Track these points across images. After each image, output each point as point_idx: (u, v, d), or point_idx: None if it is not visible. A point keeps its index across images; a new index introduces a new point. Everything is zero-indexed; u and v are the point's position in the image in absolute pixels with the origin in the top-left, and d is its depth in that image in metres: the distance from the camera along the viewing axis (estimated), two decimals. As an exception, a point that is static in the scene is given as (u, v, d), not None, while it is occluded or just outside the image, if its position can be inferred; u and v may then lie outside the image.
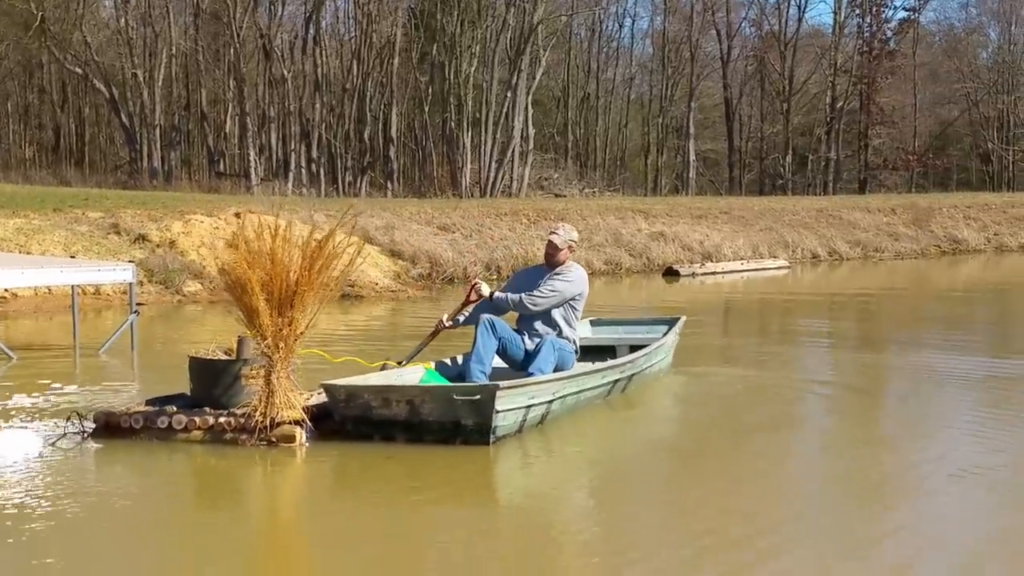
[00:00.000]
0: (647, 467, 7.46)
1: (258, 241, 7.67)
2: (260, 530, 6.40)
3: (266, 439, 7.57)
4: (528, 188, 42.30)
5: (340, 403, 7.65)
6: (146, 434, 7.79)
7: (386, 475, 7.24)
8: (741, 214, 30.60)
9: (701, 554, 5.54)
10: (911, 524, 6.24)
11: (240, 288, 7.67)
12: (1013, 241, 34.59)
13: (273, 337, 7.64)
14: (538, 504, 6.66)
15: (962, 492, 6.72)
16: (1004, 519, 6.26)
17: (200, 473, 7.48)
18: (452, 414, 7.46)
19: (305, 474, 7.41)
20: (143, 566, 5.55)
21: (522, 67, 41.76)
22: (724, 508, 6.27)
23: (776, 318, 18.01)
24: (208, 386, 8.02)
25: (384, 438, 7.53)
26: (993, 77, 61.29)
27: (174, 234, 19.76)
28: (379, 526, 6.28)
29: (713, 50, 56.49)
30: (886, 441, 8.32)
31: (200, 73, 45.77)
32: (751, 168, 58.32)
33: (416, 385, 7.94)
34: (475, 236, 24.03)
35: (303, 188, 40.61)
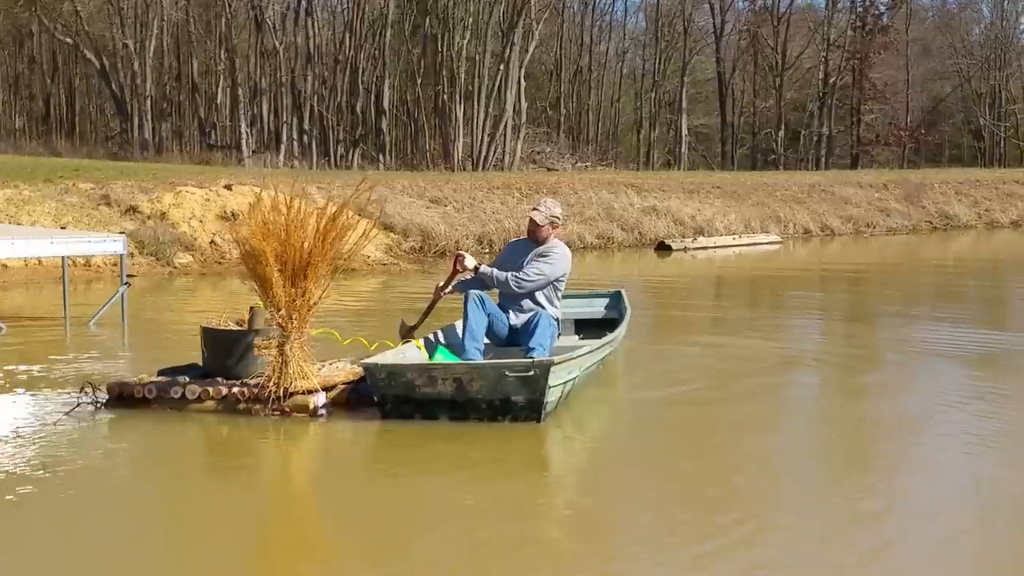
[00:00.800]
0: (685, 441, 7.45)
1: (273, 213, 7.66)
2: (273, 499, 6.44)
3: (279, 409, 7.62)
4: (520, 162, 42.23)
5: (381, 382, 7.48)
6: (159, 404, 7.83)
7: (400, 445, 7.27)
8: (733, 189, 30.57)
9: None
10: (897, 499, 6.26)
11: (254, 259, 7.68)
12: (1004, 217, 34.61)
13: (287, 308, 7.67)
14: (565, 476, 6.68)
15: (948, 463, 6.75)
16: (988, 493, 6.28)
17: (213, 443, 7.52)
18: (502, 391, 7.37)
19: (318, 444, 7.46)
20: (156, 534, 5.58)
21: (515, 40, 41.64)
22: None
23: (767, 293, 18.01)
24: (221, 356, 8.05)
25: (426, 417, 7.42)
26: (985, 53, 61.26)
27: (165, 206, 19.70)
28: (392, 496, 6.32)
29: (706, 24, 56.39)
30: (875, 414, 8.33)
31: (191, 44, 45.61)
32: (743, 143, 58.28)
33: (463, 363, 7.78)
34: (467, 209, 23.99)
35: (295, 160, 40.53)
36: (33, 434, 7.25)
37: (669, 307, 15.60)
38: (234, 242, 8.33)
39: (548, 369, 7.32)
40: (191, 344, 10.76)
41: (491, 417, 7.39)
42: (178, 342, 11.37)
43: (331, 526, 5.90)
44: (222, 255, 19.06)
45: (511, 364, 7.47)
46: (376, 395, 7.51)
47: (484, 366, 7.55)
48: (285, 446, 7.34)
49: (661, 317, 14.53)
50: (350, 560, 5.34)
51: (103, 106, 49.77)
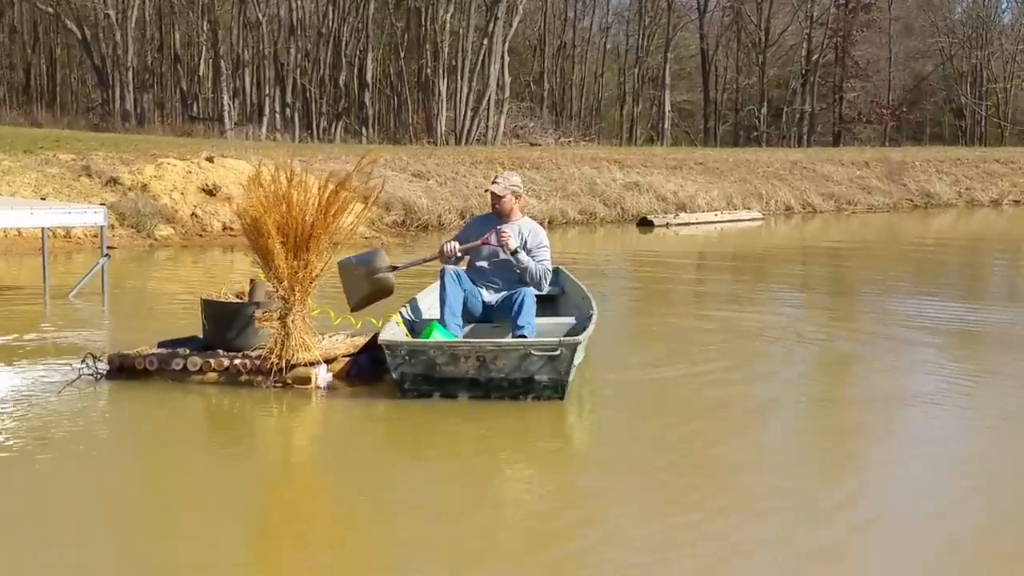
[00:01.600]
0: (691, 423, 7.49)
1: (274, 185, 7.66)
2: (274, 471, 6.51)
3: (281, 381, 7.67)
4: (503, 137, 42.20)
5: (401, 360, 7.36)
6: (161, 376, 7.86)
7: (401, 418, 7.32)
8: (716, 165, 30.62)
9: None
10: (875, 482, 6.33)
11: (256, 231, 7.71)
12: (984, 196, 34.75)
13: (289, 280, 7.69)
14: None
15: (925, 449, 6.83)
16: (965, 478, 6.36)
17: (215, 414, 7.56)
18: (526, 370, 7.33)
19: (320, 416, 7.51)
20: (157, 505, 5.64)
21: (499, 14, 41.55)
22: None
23: (750, 268, 18.08)
24: (221, 329, 8.07)
25: (445, 396, 7.37)
26: (967, 32, 61.39)
27: (146, 177, 19.64)
28: (394, 468, 6.41)
29: (690, 1, 56.30)
30: (857, 395, 8.40)
31: (174, 15, 45.38)
32: (726, 119, 58.30)
33: (487, 340, 7.63)
34: (450, 184, 23.98)
35: (277, 133, 40.40)
36: (34, 404, 7.28)
37: (661, 281, 15.66)
38: (235, 214, 8.32)
39: (575, 348, 7.33)
40: (172, 316, 10.81)
41: (512, 396, 7.36)
42: (159, 314, 11.40)
43: (332, 498, 5.97)
44: (203, 227, 19.04)
45: (537, 343, 7.44)
46: (395, 373, 7.39)
47: (508, 344, 7.47)
48: (287, 418, 7.39)
49: (657, 291, 14.58)
50: (350, 532, 5.40)
51: (84, 76, 49.49)
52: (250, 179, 8.05)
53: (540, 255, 8.58)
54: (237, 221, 19.21)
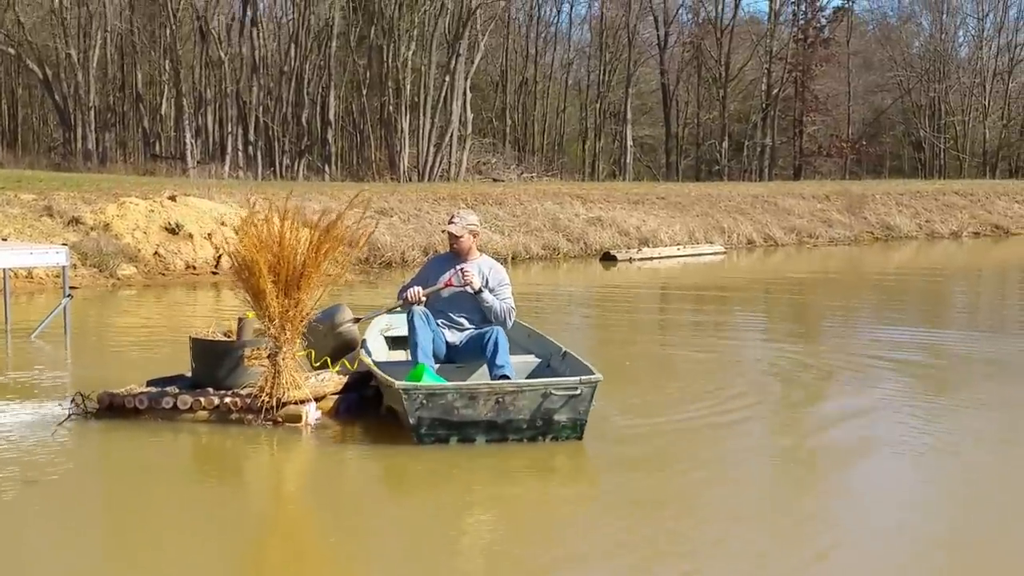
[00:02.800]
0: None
1: (267, 225, 7.70)
2: (265, 508, 6.54)
3: (272, 419, 7.69)
4: (466, 172, 42.29)
5: (418, 403, 7.20)
6: (150, 415, 7.86)
7: (391, 456, 7.34)
8: (678, 200, 30.78)
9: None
10: (837, 506, 6.39)
11: (248, 270, 7.75)
12: (944, 228, 35.04)
13: (280, 319, 7.73)
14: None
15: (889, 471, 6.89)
16: (922, 495, 6.42)
17: (206, 452, 7.56)
18: (545, 410, 7.25)
19: (310, 453, 7.53)
20: (147, 542, 5.66)
21: (460, 51, 41.74)
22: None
23: (712, 301, 18.17)
24: (210, 367, 8.09)
25: (463, 440, 7.26)
26: (925, 66, 61.99)
27: (108, 217, 19.58)
28: (384, 507, 6.46)
29: (650, 36, 56.64)
30: (822, 421, 8.47)
31: (135, 54, 45.33)
32: (688, 154, 58.60)
33: (507, 381, 7.57)
34: (413, 220, 24.01)
35: (240, 171, 40.36)
36: (20, 445, 7.28)
37: (631, 313, 15.71)
38: (227, 254, 8.35)
39: (595, 387, 7.29)
40: (135, 355, 10.78)
41: (531, 438, 7.29)
42: (123, 353, 11.36)
43: (322, 537, 5.99)
44: (166, 266, 18.99)
45: (557, 382, 7.37)
46: (411, 418, 7.21)
47: (528, 384, 7.38)
48: (278, 456, 7.41)
49: (631, 322, 14.64)
50: (340, 571, 5.42)
51: (46, 116, 49.35)
52: (243, 219, 8.09)
53: (503, 293, 8.60)
54: (201, 260, 19.31)
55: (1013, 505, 6.39)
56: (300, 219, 7.93)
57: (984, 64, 61.52)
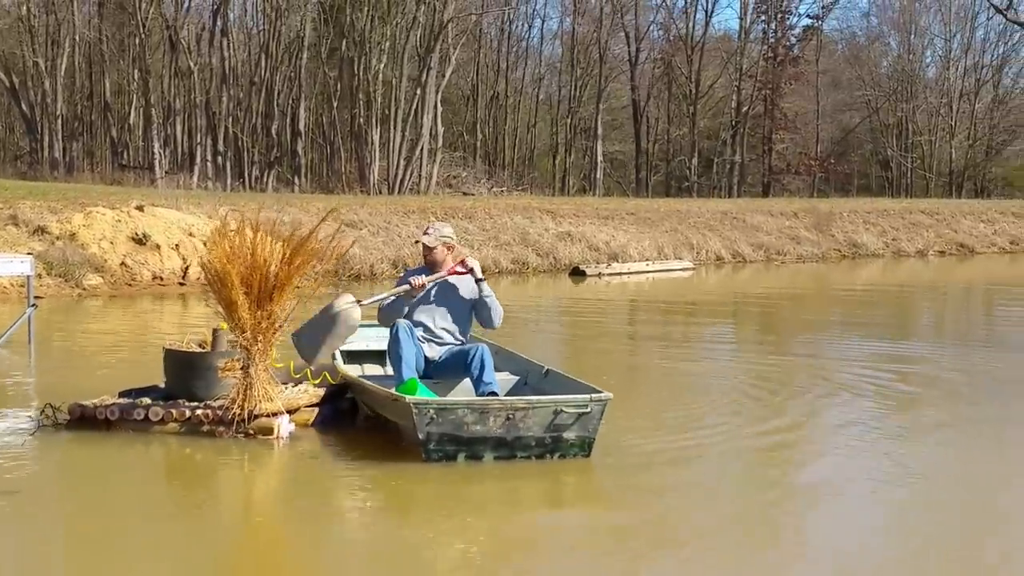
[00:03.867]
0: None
1: (239, 236, 7.66)
2: (235, 521, 6.46)
3: (244, 431, 7.63)
4: (436, 186, 42.27)
5: (428, 419, 7.06)
6: (122, 426, 7.79)
7: (365, 469, 7.28)
8: (647, 215, 30.85)
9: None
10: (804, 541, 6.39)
11: (220, 282, 7.69)
12: (910, 246, 35.25)
13: (252, 330, 7.68)
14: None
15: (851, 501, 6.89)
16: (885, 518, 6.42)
17: (177, 464, 7.49)
18: (554, 428, 7.17)
19: (282, 466, 7.47)
20: (115, 555, 5.59)
21: (432, 65, 41.74)
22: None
23: (679, 316, 18.19)
24: (183, 378, 8.05)
25: (471, 457, 7.15)
26: (893, 85, 62.45)
27: (75, 226, 19.44)
28: (355, 520, 6.39)
29: (621, 52, 56.83)
30: (785, 442, 8.47)
31: (104, 63, 45.10)
32: (658, 170, 58.79)
33: (518, 398, 7.42)
34: (382, 233, 23.97)
35: (208, 182, 40.20)
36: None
37: (602, 326, 15.70)
38: (199, 264, 8.29)
39: (605, 404, 7.24)
40: (100, 366, 10.69)
41: (539, 456, 7.21)
42: (87, 364, 11.25)
43: (293, 548, 5.92)
44: (133, 277, 18.87)
45: (567, 400, 7.27)
46: (420, 433, 7.07)
47: (540, 401, 7.25)
48: (249, 468, 7.34)
49: (608, 334, 14.62)
50: None
51: (12, 125, 48.98)
52: (214, 230, 8.05)
53: (487, 295, 8.53)
54: (168, 270, 19.20)
55: (977, 527, 6.41)
56: (272, 231, 7.87)
57: (951, 84, 62.01)
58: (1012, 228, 39.48)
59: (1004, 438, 8.65)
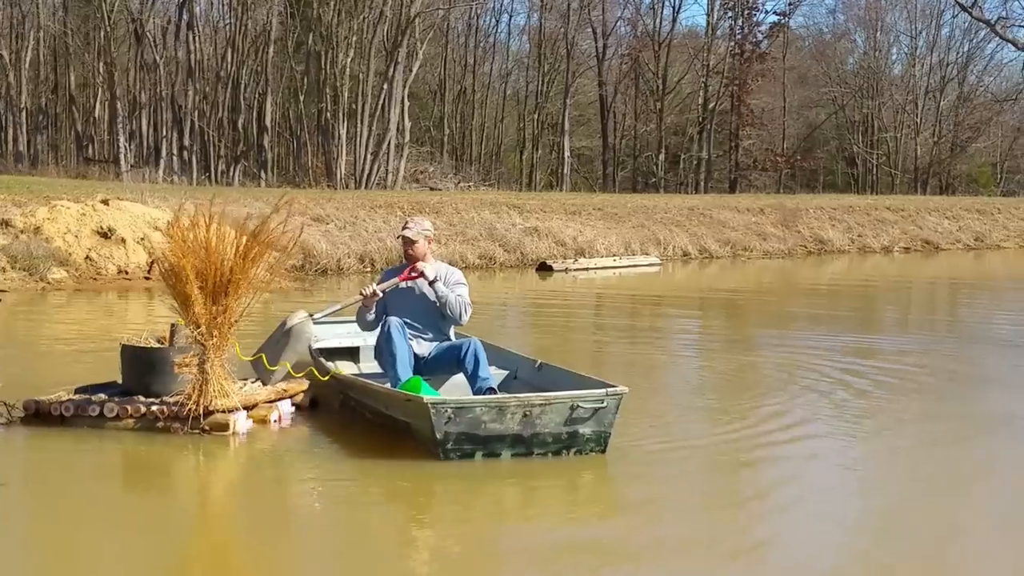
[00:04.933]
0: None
1: (193, 230, 7.59)
2: (190, 518, 6.41)
3: (199, 428, 7.56)
4: (404, 181, 42.20)
5: (446, 418, 6.97)
6: (77, 422, 7.72)
7: (320, 465, 7.26)
8: (614, 211, 30.90)
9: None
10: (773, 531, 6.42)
11: (174, 276, 7.63)
12: (876, 243, 35.42)
13: (207, 325, 7.60)
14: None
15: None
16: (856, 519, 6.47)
17: (131, 461, 7.43)
18: (571, 424, 7.12)
19: (238, 463, 7.44)
20: (70, 553, 5.54)
21: (399, 59, 41.65)
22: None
23: (646, 312, 18.24)
24: (140, 374, 7.97)
25: (488, 455, 7.08)
26: (859, 82, 62.73)
27: (39, 220, 19.30)
28: (311, 517, 6.35)
29: (589, 48, 56.88)
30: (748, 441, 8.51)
31: (69, 56, 44.84)
32: (625, 166, 58.88)
33: (535, 395, 7.30)
34: (349, 228, 23.91)
35: (174, 176, 40.03)
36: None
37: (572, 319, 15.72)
38: (154, 259, 8.24)
39: (620, 399, 7.21)
40: (63, 361, 10.62)
41: (555, 452, 7.16)
42: (50, 358, 11.19)
43: (248, 545, 5.90)
44: (98, 271, 18.76)
45: (583, 395, 7.21)
46: (438, 433, 6.97)
47: (557, 397, 7.17)
48: (204, 466, 7.30)
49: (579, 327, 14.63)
50: None
51: (-24, 117, 48.62)
52: (169, 223, 7.99)
53: (458, 291, 8.56)
54: (133, 264, 19.09)
55: (934, 527, 6.47)
56: (228, 224, 7.82)
57: (916, 82, 62.36)
58: (976, 225, 39.78)
59: (967, 435, 8.71)
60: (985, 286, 25.40)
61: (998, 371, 12.09)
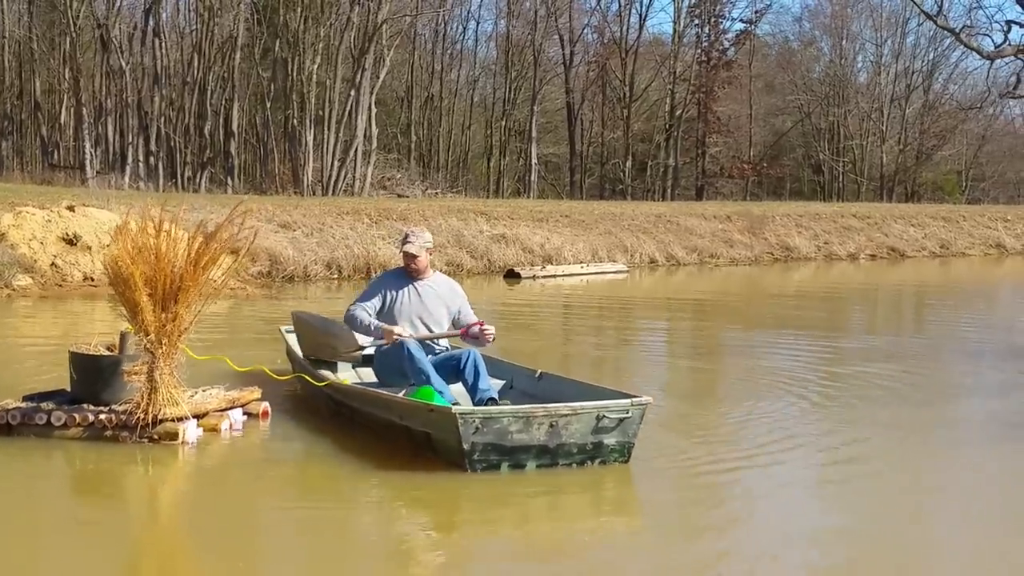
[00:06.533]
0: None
1: (142, 236, 7.51)
2: (137, 528, 6.34)
3: (148, 436, 7.47)
4: (371, 188, 42.11)
5: (474, 428, 6.92)
6: (23, 431, 7.62)
7: (271, 474, 7.24)
8: (581, 218, 30.92)
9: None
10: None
11: (123, 283, 7.54)
12: (842, 250, 35.59)
13: (156, 333, 7.52)
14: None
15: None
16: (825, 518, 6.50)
17: (78, 471, 7.34)
18: (596, 434, 7.10)
19: (186, 472, 7.36)
20: (14, 565, 5.46)
21: (366, 66, 41.58)
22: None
23: (612, 319, 18.27)
24: (89, 382, 7.86)
25: (514, 466, 7.03)
26: (825, 90, 63.06)
27: (4, 226, 19.15)
28: (261, 526, 6.32)
29: (556, 55, 56.96)
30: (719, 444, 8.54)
31: (34, 62, 44.54)
32: (592, 173, 58.96)
33: (561, 404, 7.23)
34: (316, 235, 23.84)
35: (140, 182, 39.81)
36: None
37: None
38: (103, 265, 8.14)
39: (644, 409, 7.22)
40: (29, 368, 10.54)
41: (580, 463, 7.13)
42: (15, 366, 11.09)
43: (195, 555, 5.84)
44: (64, 277, 18.63)
45: (609, 405, 7.19)
46: (465, 444, 6.91)
47: (583, 408, 7.14)
48: (152, 475, 7.22)
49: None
50: None
51: (-61, 123, 48.25)
52: (117, 229, 7.91)
53: (466, 310, 8.76)
54: (99, 271, 18.96)
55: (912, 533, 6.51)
56: (179, 229, 7.75)
57: (882, 90, 62.73)
58: (942, 232, 40.05)
59: (941, 440, 8.78)
60: (951, 293, 25.58)
61: (966, 378, 12.22)
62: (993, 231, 41.97)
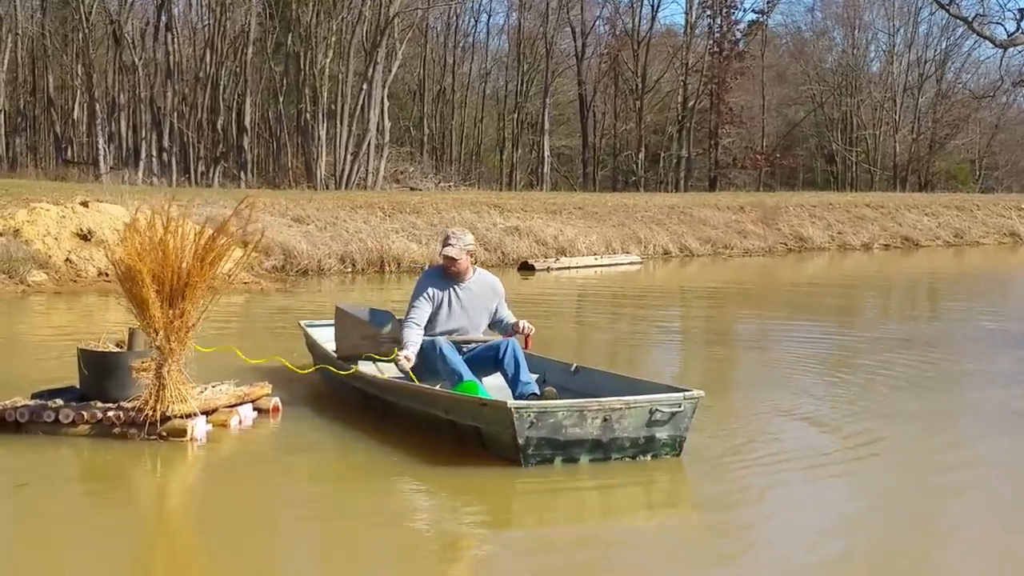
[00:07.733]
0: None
1: (149, 232, 7.50)
2: (145, 525, 6.34)
3: (156, 433, 7.46)
4: (383, 181, 42.09)
5: (529, 422, 6.90)
6: (32, 428, 7.62)
7: (281, 469, 7.24)
8: (594, 210, 30.90)
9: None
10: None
11: (130, 279, 7.53)
12: (856, 240, 35.52)
13: (164, 329, 7.51)
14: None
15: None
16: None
17: (87, 468, 7.34)
18: (649, 428, 7.10)
19: (195, 469, 7.35)
20: (25, 563, 5.46)
21: (378, 60, 41.55)
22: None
23: (628, 310, 18.26)
24: (98, 379, 7.86)
25: (567, 461, 7.03)
26: (838, 80, 62.86)
27: (18, 222, 19.23)
28: (269, 523, 6.30)
29: (568, 47, 56.84)
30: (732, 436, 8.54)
31: (47, 58, 44.61)
32: (605, 164, 58.87)
33: (615, 399, 7.20)
34: (330, 228, 23.87)
35: (154, 177, 39.87)
36: None
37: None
38: (110, 262, 8.14)
39: (696, 404, 7.22)
40: (45, 364, 10.57)
41: (632, 457, 7.14)
42: (31, 361, 11.13)
43: (204, 552, 5.84)
44: (78, 273, 18.69)
45: (661, 399, 7.20)
46: (520, 438, 6.89)
47: (636, 401, 7.15)
48: (161, 473, 7.20)
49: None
50: None
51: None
52: (125, 226, 7.90)
53: (503, 309, 8.73)
54: (112, 267, 19.01)
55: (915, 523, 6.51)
56: (190, 223, 7.74)
57: (895, 79, 62.50)
58: (955, 221, 39.94)
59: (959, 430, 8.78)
60: (965, 281, 25.51)
61: (1000, 367, 12.22)
62: (1007, 220, 41.84)
